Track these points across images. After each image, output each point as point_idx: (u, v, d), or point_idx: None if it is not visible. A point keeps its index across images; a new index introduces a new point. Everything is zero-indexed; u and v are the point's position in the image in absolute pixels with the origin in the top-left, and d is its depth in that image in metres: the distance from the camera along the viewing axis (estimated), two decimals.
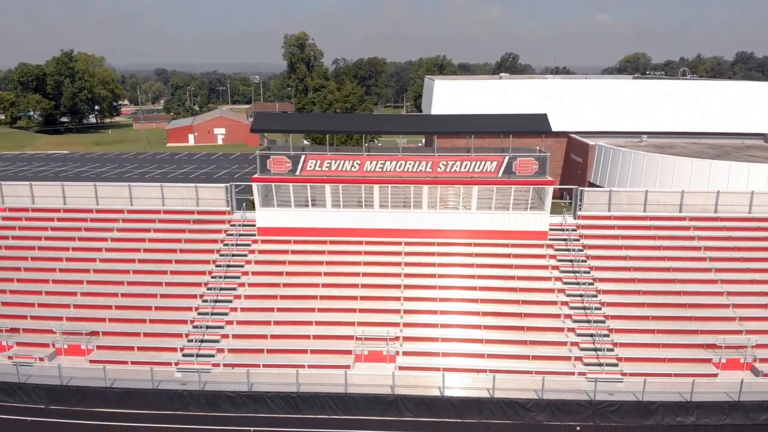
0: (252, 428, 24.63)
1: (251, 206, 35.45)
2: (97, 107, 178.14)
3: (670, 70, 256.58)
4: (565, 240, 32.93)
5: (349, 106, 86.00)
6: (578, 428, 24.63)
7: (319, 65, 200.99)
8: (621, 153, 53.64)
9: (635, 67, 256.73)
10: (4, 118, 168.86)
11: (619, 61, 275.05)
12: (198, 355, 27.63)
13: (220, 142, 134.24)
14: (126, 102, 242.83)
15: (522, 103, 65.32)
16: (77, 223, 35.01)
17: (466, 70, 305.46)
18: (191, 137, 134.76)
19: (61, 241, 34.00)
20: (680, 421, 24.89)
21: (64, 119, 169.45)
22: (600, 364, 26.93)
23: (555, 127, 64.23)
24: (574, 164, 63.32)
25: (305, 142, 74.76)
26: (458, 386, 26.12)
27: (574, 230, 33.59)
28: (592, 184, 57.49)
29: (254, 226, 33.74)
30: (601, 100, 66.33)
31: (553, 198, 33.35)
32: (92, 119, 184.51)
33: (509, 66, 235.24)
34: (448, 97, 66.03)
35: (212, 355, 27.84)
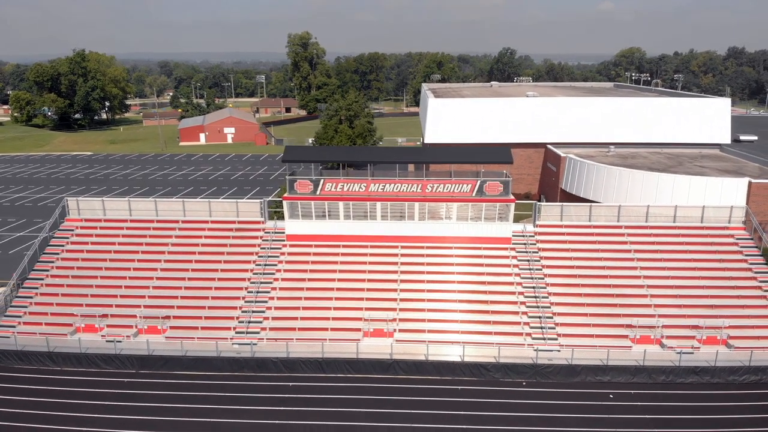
0: (290, 383, 34.13)
1: (273, 214, 44.59)
2: (107, 104, 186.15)
3: (664, 64, 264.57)
4: (524, 244, 42.25)
5: (353, 113, 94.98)
6: (524, 383, 34.10)
7: (322, 63, 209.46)
8: (587, 165, 62.66)
9: (630, 61, 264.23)
10: (19, 116, 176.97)
11: (614, 55, 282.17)
12: (247, 332, 37.13)
13: (230, 141, 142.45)
14: (132, 96, 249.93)
15: (507, 117, 74.39)
16: (142, 231, 44.14)
17: (465, 62, 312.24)
18: (203, 136, 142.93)
19: (131, 245, 43.18)
20: (598, 379, 34.36)
21: (77, 116, 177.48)
22: (543, 338, 36.42)
23: (535, 138, 74.60)
24: (550, 172, 72.33)
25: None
26: (439, 353, 35.51)
27: (533, 236, 42.88)
28: (563, 191, 66.50)
29: (284, 233, 42.95)
30: (575, 115, 74.81)
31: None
32: (103, 115, 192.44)
33: (507, 61, 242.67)
34: (441, 114, 74.72)
35: (257, 332, 37.28)
